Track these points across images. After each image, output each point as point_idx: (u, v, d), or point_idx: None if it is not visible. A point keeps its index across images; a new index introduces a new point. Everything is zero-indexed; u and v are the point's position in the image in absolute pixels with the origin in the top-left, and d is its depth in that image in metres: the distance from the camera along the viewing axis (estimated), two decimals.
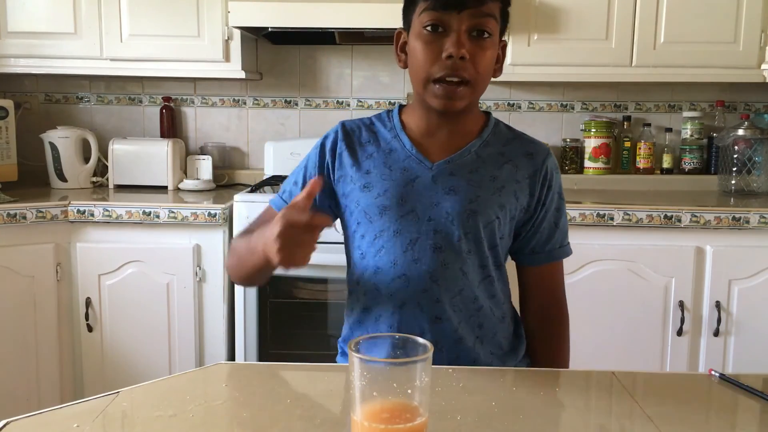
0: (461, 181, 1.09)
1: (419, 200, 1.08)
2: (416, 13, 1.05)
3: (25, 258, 2.20)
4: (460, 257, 1.09)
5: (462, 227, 1.08)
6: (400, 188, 1.09)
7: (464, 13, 1.01)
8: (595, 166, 2.72)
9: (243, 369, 1.16)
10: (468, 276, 1.10)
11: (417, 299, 1.09)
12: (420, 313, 1.09)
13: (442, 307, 1.09)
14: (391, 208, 1.08)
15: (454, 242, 1.08)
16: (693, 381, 1.07)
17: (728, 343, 2.23)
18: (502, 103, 2.84)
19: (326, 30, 2.46)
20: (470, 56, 1.02)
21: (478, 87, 1.06)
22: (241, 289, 2.26)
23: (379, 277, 1.10)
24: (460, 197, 1.08)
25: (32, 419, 0.86)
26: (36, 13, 2.47)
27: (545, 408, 0.94)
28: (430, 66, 1.03)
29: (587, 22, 2.42)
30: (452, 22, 1.01)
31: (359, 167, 1.12)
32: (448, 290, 1.09)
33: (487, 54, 1.04)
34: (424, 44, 1.03)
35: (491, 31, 1.04)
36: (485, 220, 1.09)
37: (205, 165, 2.68)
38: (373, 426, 0.68)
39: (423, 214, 1.08)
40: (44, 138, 2.61)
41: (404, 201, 1.08)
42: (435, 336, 1.08)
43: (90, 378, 2.29)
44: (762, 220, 2.18)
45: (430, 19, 1.02)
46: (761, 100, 2.81)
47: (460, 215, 1.08)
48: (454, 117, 1.10)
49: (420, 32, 1.04)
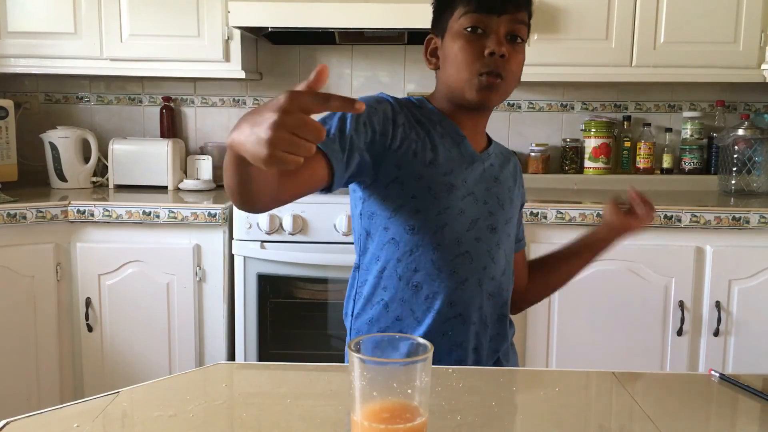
0: (499, 172, 1.21)
1: (477, 184, 1.16)
2: (454, 17, 1.12)
3: (25, 258, 2.21)
4: (507, 239, 1.21)
5: (507, 212, 1.20)
6: (463, 170, 1.15)
7: (503, 18, 1.09)
8: (595, 166, 2.72)
9: (243, 369, 1.16)
10: (508, 257, 1.22)
11: (478, 276, 1.15)
12: (479, 290, 1.15)
13: (497, 284, 1.18)
14: (457, 187, 1.13)
15: (504, 225, 1.19)
16: (693, 381, 1.07)
17: (728, 343, 2.23)
18: (502, 103, 2.84)
19: (326, 30, 2.46)
20: (508, 56, 1.10)
21: (510, 86, 1.14)
22: (241, 289, 2.26)
23: (439, 253, 1.11)
24: (503, 185, 1.21)
25: (32, 419, 0.86)
26: (36, 13, 2.48)
27: (545, 408, 0.94)
28: (473, 62, 1.09)
29: (587, 22, 2.42)
30: (492, 24, 1.10)
31: (423, 141, 1.12)
32: (499, 269, 1.18)
33: (520, 57, 1.14)
34: (467, 43, 1.10)
35: (523, 37, 1.14)
36: (517, 207, 1.26)
37: (205, 165, 2.68)
38: (373, 426, 0.68)
39: (480, 196, 1.16)
40: (44, 138, 2.61)
41: (465, 182, 1.14)
42: (487, 311, 1.17)
43: (90, 378, 2.29)
44: (762, 220, 2.18)
45: (471, 22, 1.10)
46: (761, 100, 2.81)
47: (506, 202, 1.20)
48: (483, 114, 1.20)
49: (461, 33, 1.11)
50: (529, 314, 2.25)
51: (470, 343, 1.16)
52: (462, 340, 1.15)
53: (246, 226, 2.23)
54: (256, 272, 2.25)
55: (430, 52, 1.19)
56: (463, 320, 1.14)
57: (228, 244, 2.26)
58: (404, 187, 1.10)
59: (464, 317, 1.14)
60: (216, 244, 2.26)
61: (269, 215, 2.19)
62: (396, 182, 1.10)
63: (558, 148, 2.82)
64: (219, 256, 2.26)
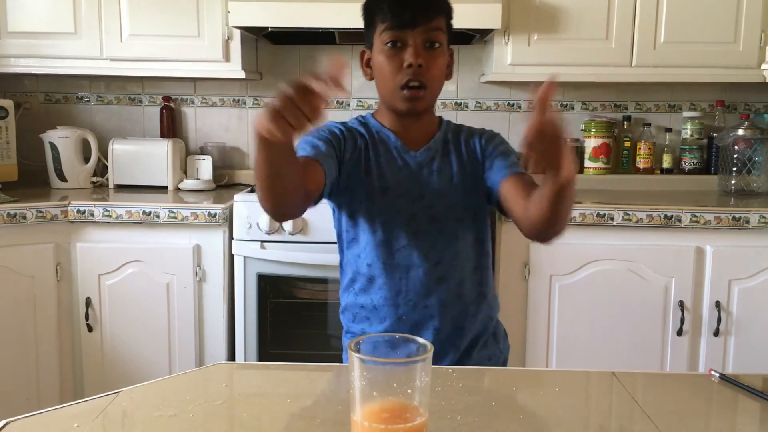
0: (440, 163, 1.30)
1: (411, 183, 1.28)
2: (377, 33, 1.24)
3: (25, 258, 2.21)
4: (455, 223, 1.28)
5: (450, 198, 1.28)
6: (395, 174, 1.28)
7: (417, 30, 1.20)
8: (595, 166, 2.72)
9: (243, 369, 1.16)
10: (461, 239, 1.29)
11: (421, 265, 1.26)
12: (425, 277, 1.26)
13: (445, 268, 1.27)
14: (391, 189, 1.27)
15: (446, 211, 1.27)
16: (693, 381, 1.07)
17: (728, 343, 2.23)
18: (502, 103, 2.84)
19: (326, 30, 2.46)
20: (425, 64, 1.21)
21: (434, 90, 1.26)
22: (241, 289, 2.26)
23: (384, 249, 1.26)
24: (444, 173, 1.29)
25: (32, 419, 0.86)
26: (36, 13, 2.48)
27: (545, 408, 0.94)
28: (395, 75, 1.22)
29: (587, 22, 2.42)
30: (407, 38, 1.21)
31: (361, 153, 1.29)
32: (447, 254, 1.27)
33: (439, 61, 1.24)
34: (387, 58, 1.22)
35: (441, 42, 1.24)
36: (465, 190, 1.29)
37: (205, 165, 2.68)
38: (373, 426, 0.68)
39: (415, 194, 1.27)
40: (44, 138, 2.61)
41: (399, 184, 1.27)
42: (440, 294, 1.26)
43: (90, 378, 2.29)
44: (762, 220, 2.18)
45: (390, 38, 1.21)
46: (761, 100, 2.81)
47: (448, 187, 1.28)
48: (418, 116, 1.29)
49: (382, 49, 1.23)
50: (529, 314, 2.25)
51: (430, 323, 1.27)
52: (416, 321, 1.27)
53: (246, 226, 2.23)
54: (256, 272, 2.25)
55: (365, 63, 1.31)
56: (414, 305, 1.27)
57: (228, 244, 2.26)
58: (352, 194, 1.27)
59: (415, 302, 1.26)
60: (216, 244, 2.26)
61: None
62: (347, 190, 1.27)
63: None
64: (219, 256, 2.26)
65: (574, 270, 2.22)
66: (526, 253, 2.23)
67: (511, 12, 2.41)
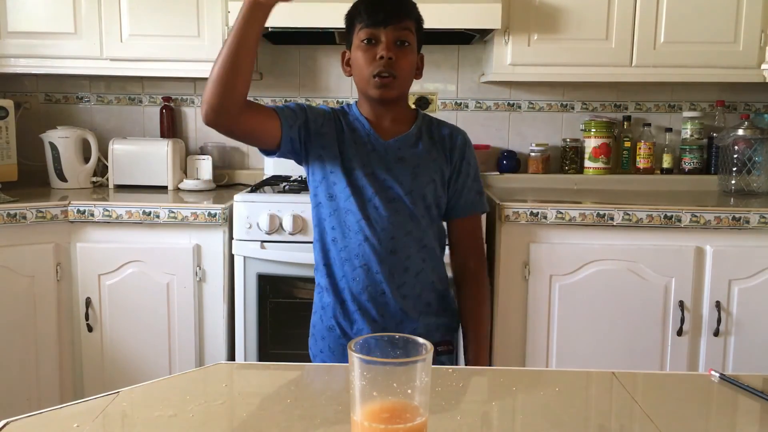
0: (406, 153, 1.45)
1: (378, 165, 1.43)
2: (355, 32, 1.41)
3: (25, 258, 2.21)
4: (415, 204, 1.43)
5: (411, 184, 1.43)
6: (364, 156, 1.43)
7: (389, 28, 1.38)
8: (595, 166, 2.72)
9: (243, 369, 1.16)
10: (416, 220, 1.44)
11: (377, 235, 1.41)
12: (380, 246, 1.41)
13: (397, 242, 1.42)
14: (357, 169, 1.43)
15: (406, 195, 1.42)
16: (693, 381, 1.07)
17: (728, 343, 2.23)
18: (502, 103, 2.84)
19: (326, 30, 2.46)
20: (396, 58, 1.38)
21: (403, 80, 1.42)
22: (241, 289, 2.26)
23: (348, 216, 1.43)
24: (406, 164, 1.44)
25: (32, 419, 0.86)
26: (36, 13, 2.48)
27: (545, 408, 0.94)
28: (369, 66, 1.39)
29: (587, 22, 2.42)
30: (380, 35, 1.38)
31: (339, 135, 1.45)
32: (401, 230, 1.42)
33: (409, 57, 1.41)
34: (363, 53, 1.40)
35: (410, 42, 1.41)
36: (424, 180, 1.44)
37: (205, 165, 2.68)
38: (373, 426, 0.68)
39: (380, 175, 1.43)
40: (44, 138, 2.61)
41: (365, 165, 1.43)
42: (390, 263, 1.42)
43: (90, 378, 2.29)
44: (762, 220, 2.18)
45: (366, 35, 1.39)
46: (761, 100, 2.81)
47: (409, 176, 1.43)
48: (391, 106, 1.45)
49: (359, 45, 1.41)
50: (529, 314, 2.25)
51: (378, 287, 1.42)
52: (368, 284, 1.43)
53: (246, 226, 2.23)
54: (256, 272, 2.25)
55: (346, 62, 1.48)
56: (368, 269, 1.42)
57: (228, 244, 2.26)
58: (324, 164, 1.44)
59: (368, 267, 1.42)
60: (216, 244, 2.26)
61: (269, 215, 2.19)
62: (319, 159, 1.44)
63: (558, 148, 2.83)
64: (219, 256, 2.27)
65: (574, 270, 2.22)
66: (526, 253, 2.23)
67: (511, 12, 2.41)
